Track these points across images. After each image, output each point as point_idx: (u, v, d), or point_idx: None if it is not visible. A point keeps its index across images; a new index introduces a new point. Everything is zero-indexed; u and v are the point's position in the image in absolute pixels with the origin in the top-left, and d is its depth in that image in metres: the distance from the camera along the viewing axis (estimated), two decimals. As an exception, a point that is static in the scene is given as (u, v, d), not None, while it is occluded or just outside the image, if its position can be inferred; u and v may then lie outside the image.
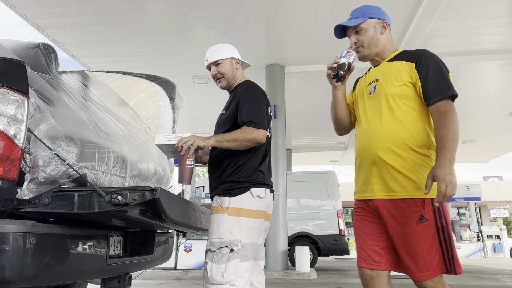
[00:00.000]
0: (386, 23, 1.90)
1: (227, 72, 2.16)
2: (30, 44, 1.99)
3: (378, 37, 1.88)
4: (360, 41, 1.88)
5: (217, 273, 1.81)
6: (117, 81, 3.00)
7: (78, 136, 1.72)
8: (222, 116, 2.12)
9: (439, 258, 1.63)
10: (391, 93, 1.77)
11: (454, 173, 1.56)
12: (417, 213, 1.64)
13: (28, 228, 1.38)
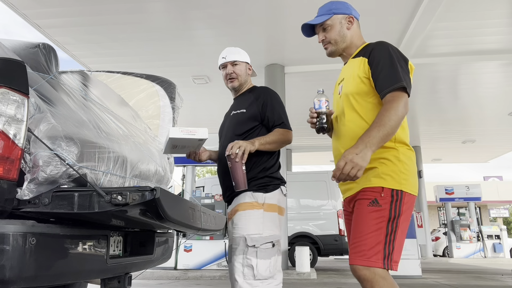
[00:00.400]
0: (353, 18, 1.88)
1: (241, 74, 2.22)
2: (30, 44, 1.99)
3: (345, 33, 1.87)
4: (328, 38, 1.88)
5: (265, 268, 1.85)
6: (117, 81, 3.00)
7: (78, 136, 1.72)
8: (243, 115, 2.13)
9: (381, 248, 1.57)
10: (351, 92, 1.76)
11: (364, 156, 1.50)
12: (372, 197, 1.62)
13: (28, 228, 1.38)
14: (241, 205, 1.98)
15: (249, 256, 1.86)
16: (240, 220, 1.95)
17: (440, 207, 22.41)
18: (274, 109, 2.12)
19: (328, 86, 9.63)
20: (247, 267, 1.85)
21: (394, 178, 1.62)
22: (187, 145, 2.00)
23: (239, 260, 1.88)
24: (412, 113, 10.50)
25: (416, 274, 6.97)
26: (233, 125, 2.15)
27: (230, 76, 2.20)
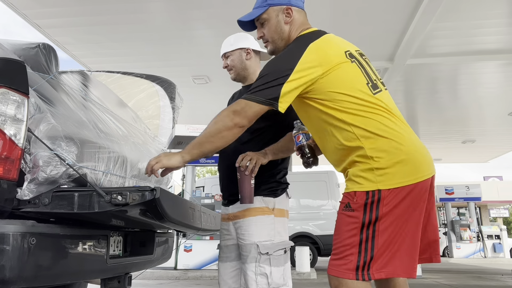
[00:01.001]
0: (291, 9, 1.66)
1: (235, 64, 2.14)
2: (30, 44, 1.99)
3: (282, 28, 1.68)
4: (266, 36, 1.73)
5: (279, 276, 1.80)
6: (117, 81, 3.00)
7: (78, 136, 1.72)
8: None
9: (353, 258, 1.39)
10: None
11: (170, 158, 1.58)
12: (345, 202, 1.47)
13: (28, 228, 1.38)
14: (250, 210, 1.89)
15: (262, 264, 1.79)
16: (250, 226, 1.86)
17: (440, 207, 22.38)
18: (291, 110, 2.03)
19: (328, 86, 9.38)
20: (260, 275, 1.78)
21: (367, 178, 1.43)
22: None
23: (251, 269, 1.80)
24: (412, 113, 10.49)
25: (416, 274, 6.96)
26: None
27: (227, 69, 2.17)
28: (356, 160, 1.48)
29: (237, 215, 1.93)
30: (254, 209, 1.89)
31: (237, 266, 1.95)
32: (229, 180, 1.96)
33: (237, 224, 1.93)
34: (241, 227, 1.90)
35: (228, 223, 2.01)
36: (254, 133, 1.94)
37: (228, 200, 2.03)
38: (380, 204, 1.41)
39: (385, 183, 1.42)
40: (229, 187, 2.00)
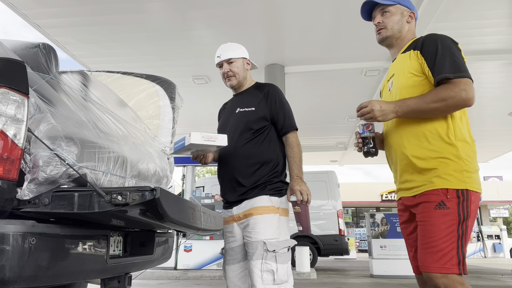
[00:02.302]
0: (414, 14, 1.88)
1: (239, 72, 2.17)
2: (30, 44, 1.99)
3: (403, 24, 1.85)
4: (384, 23, 1.84)
5: (284, 272, 1.86)
6: (117, 81, 3.00)
7: (78, 136, 1.72)
8: (253, 114, 2.08)
9: (454, 254, 1.50)
10: (403, 85, 1.73)
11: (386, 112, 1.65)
12: (437, 200, 1.56)
13: (28, 228, 1.38)
14: (257, 209, 1.94)
15: (268, 261, 1.84)
16: (257, 225, 1.91)
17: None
18: (284, 110, 2.10)
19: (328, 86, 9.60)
20: (266, 272, 1.83)
21: (458, 178, 1.56)
22: (200, 149, 1.95)
23: (257, 266, 1.84)
24: (412, 113, 10.49)
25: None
26: (242, 123, 2.08)
27: (227, 75, 2.16)
28: (450, 158, 1.59)
29: (245, 215, 1.97)
30: (261, 208, 1.93)
31: (245, 266, 1.99)
32: (231, 183, 2.02)
33: (243, 224, 1.97)
34: (248, 226, 1.94)
35: (232, 225, 2.03)
36: (254, 134, 2.04)
37: (230, 203, 2.06)
38: (469, 202, 1.55)
39: (471, 186, 1.57)
40: (232, 190, 2.03)
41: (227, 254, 2.05)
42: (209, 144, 1.81)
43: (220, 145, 1.83)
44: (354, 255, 14.90)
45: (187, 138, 1.80)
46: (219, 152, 2.17)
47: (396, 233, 7.29)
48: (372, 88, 8.50)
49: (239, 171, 2.03)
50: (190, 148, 1.88)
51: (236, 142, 2.06)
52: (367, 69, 7.52)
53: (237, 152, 2.05)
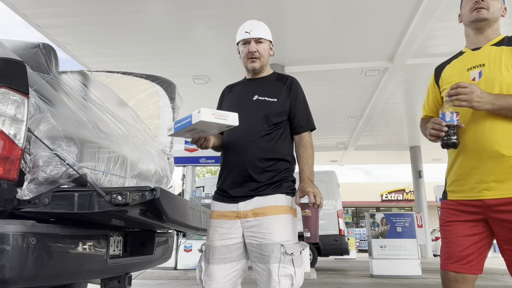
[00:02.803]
0: (506, 10, 1.79)
1: (265, 54, 1.95)
2: (30, 44, 1.99)
3: (499, 14, 1.76)
4: (488, 4, 1.72)
5: (301, 276, 1.76)
6: (117, 81, 3.00)
7: (78, 136, 1.72)
8: (274, 105, 1.89)
9: None
10: (506, 82, 1.62)
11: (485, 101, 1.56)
12: None
13: (28, 228, 1.38)
14: (272, 208, 1.76)
15: (286, 265, 1.69)
16: (273, 225, 1.73)
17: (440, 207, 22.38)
18: (305, 107, 1.96)
19: (328, 86, 9.57)
20: (284, 276, 1.68)
21: None
22: (206, 129, 1.68)
23: (274, 270, 1.68)
24: (412, 113, 10.50)
25: (416, 274, 6.97)
26: (260, 114, 1.87)
27: (252, 55, 1.91)
28: None
29: (255, 213, 1.77)
30: (277, 207, 1.77)
31: (237, 267, 1.79)
32: (241, 176, 1.82)
33: (250, 222, 1.77)
34: (260, 225, 1.75)
35: (233, 221, 1.81)
36: (273, 127, 1.88)
37: (235, 197, 1.83)
38: None
39: None
40: (240, 184, 1.82)
41: (217, 252, 1.79)
42: (219, 123, 1.57)
43: (230, 125, 1.60)
44: (354, 255, 14.90)
45: (195, 115, 1.55)
46: (223, 139, 1.96)
47: (396, 233, 7.29)
48: (372, 88, 8.50)
49: (254, 164, 1.81)
50: (194, 128, 1.63)
51: (253, 133, 1.85)
52: (367, 69, 7.52)
53: (253, 144, 1.84)
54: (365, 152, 14.88)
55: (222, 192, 1.88)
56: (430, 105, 1.95)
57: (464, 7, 1.82)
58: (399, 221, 7.38)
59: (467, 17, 1.78)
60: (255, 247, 1.74)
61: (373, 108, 9.57)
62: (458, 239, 1.69)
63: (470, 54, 1.79)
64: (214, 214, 1.87)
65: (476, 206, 1.65)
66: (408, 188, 23.22)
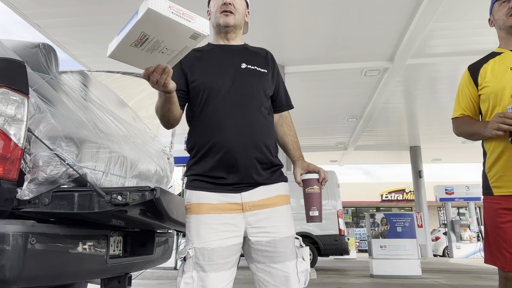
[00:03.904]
0: None
1: (240, 12, 1.67)
2: (30, 44, 1.99)
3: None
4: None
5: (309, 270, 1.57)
6: (117, 81, 3.00)
7: (78, 136, 1.72)
8: (267, 77, 1.63)
9: None
10: None
11: None
12: None
13: (28, 228, 1.38)
14: (281, 198, 1.54)
15: (301, 260, 1.51)
16: (283, 217, 1.51)
17: (440, 207, 22.39)
18: (284, 86, 1.77)
19: (328, 86, 9.56)
20: (301, 273, 1.47)
21: None
22: (162, 45, 1.14)
23: (292, 267, 1.46)
24: (412, 113, 10.50)
25: (416, 274, 6.97)
26: (257, 84, 1.59)
27: (227, 7, 1.63)
28: None
29: (264, 204, 1.50)
30: (285, 197, 1.57)
31: (234, 274, 1.49)
32: (244, 159, 1.48)
33: (257, 216, 1.49)
34: (270, 218, 1.49)
35: (231, 215, 1.48)
36: (265, 104, 1.63)
37: (234, 185, 1.50)
38: None
39: None
40: (240, 168, 1.48)
41: (215, 255, 1.42)
42: (180, 24, 1.07)
43: (198, 33, 1.11)
44: (354, 255, 14.90)
45: (142, 6, 1.09)
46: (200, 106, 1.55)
47: (396, 233, 7.29)
48: (372, 88, 8.50)
49: (258, 146, 1.51)
50: (143, 38, 1.11)
51: (252, 107, 1.54)
52: (367, 69, 7.52)
53: (254, 121, 1.54)
54: (365, 152, 14.89)
55: (212, 178, 1.50)
56: (466, 104, 1.96)
57: (497, 12, 1.89)
58: (399, 221, 7.38)
59: (503, 22, 1.86)
60: (265, 245, 1.47)
61: (373, 108, 9.57)
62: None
63: (510, 54, 1.85)
64: (203, 207, 1.48)
65: None
66: (408, 188, 23.21)
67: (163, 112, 1.49)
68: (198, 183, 1.52)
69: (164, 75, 1.25)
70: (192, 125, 1.60)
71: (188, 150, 1.61)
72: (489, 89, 1.80)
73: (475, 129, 1.84)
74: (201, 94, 1.55)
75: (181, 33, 1.09)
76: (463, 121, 1.95)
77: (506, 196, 1.69)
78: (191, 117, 1.60)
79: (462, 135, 1.96)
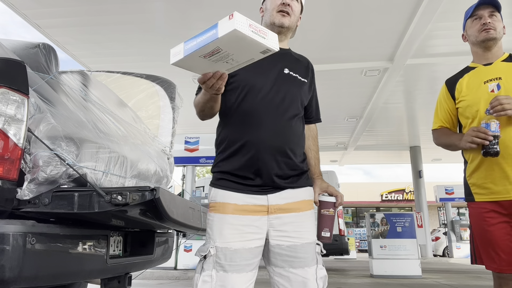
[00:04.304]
0: (505, 28, 1.99)
1: (296, 15, 1.69)
2: (30, 44, 1.99)
3: (502, 32, 1.95)
4: (493, 25, 1.91)
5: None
6: (117, 81, 3.00)
7: (78, 136, 1.72)
8: (305, 86, 1.63)
9: None
10: None
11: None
12: None
13: (28, 228, 1.38)
14: (306, 203, 1.54)
15: (321, 266, 1.50)
16: (307, 222, 1.51)
17: (440, 207, 22.39)
18: (317, 98, 1.76)
19: (328, 86, 9.53)
20: (320, 279, 1.46)
21: None
22: (229, 57, 1.16)
23: (311, 273, 1.45)
24: (412, 113, 10.50)
25: (416, 274, 6.97)
26: (296, 92, 1.58)
27: (284, 8, 1.61)
28: None
29: (290, 208, 1.49)
30: (310, 202, 1.56)
31: (255, 277, 1.47)
32: (277, 159, 1.48)
33: (283, 219, 1.48)
34: (294, 223, 1.48)
35: (256, 217, 1.47)
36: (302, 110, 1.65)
37: (261, 186, 1.49)
38: None
39: None
40: (272, 167, 1.47)
41: (237, 256, 1.41)
42: (256, 42, 1.09)
43: (268, 49, 1.13)
44: (354, 255, 14.90)
45: (225, 24, 1.09)
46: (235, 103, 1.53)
47: (396, 233, 7.29)
48: (372, 88, 8.50)
49: (291, 149, 1.51)
50: (215, 51, 1.12)
51: (289, 111, 1.54)
52: (367, 69, 7.52)
53: (289, 124, 1.53)
54: (365, 152, 14.88)
55: (239, 178, 1.49)
56: (444, 116, 2.08)
57: (470, 28, 1.99)
58: (399, 221, 7.38)
59: (475, 37, 1.95)
60: (285, 249, 1.46)
61: (373, 108, 9.57)
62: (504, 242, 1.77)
63: (483, 68, 1.95)
64: (228, 207, 1.48)
65: (506, 206, 1.76)
66: (408, 188, 23.21)
67: (204, 108, 1.50)
68: (224, 182, 1.52)
69: (220, 80, 1.28)
70: (225, 119, 1.58)
71: (217, 143, 1.60)
72: (465, 103, 1.94)
73: (451, 140, 1.97)
74: (239, 90, 1.53)
75: (253, 48, 1.12)
76: (442, 132, 2.07)
77: (488, 202, 1.82)
78: (225, 111, 1.58)
79: (441, 145, 2.09)
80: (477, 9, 1.95)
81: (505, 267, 1.75)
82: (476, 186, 1.88)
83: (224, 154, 1.53)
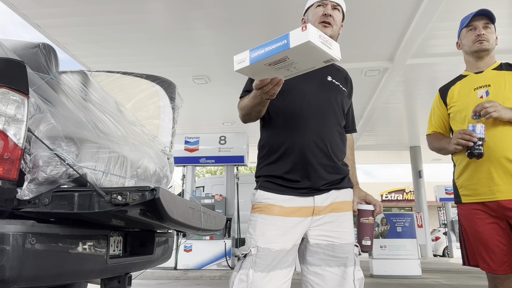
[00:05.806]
0: (497, 38, 2.09)
1: (337, 24, 1.65)
2: (30, 44, 1.98)
3: (495, 43, 2.06)
4: (488, 36, 2.01)
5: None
6: (117, 81, 3.00)
7: (78, 136, 1.72)
8: (344, 95, 1.69)
9: None
10: (509, 97, 1.88)
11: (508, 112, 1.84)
12: None
13: (28, 228, 1.38)
14: (347, 204, 1.59)
15: (358, 267, 1.52)
16: (346, 223, 1.56)
17: (440, 207, 22.38)
18: (353, 109, 1.83)
19: (328, 86, 9.31)
20: (357, 280, 1.47)
21: None
22: (292, 66, 1.19)
23: (349, 274, 1.47)
24: (412, 113, 10.50)
25: (416, 274, 6.97)
26: (338, 99, 1.64)
27: (326, 19, 1.61)
28: None
29: (332, 209, 1.53)
30: (349, 203, 1.60)
31: (291, 273, 1.50)
32: (324, 162, 1.52)
33: (324, 219, 1.52)
34: (333, 223, 1.52)
35: (300, 218, 1.50)
36: (343, 117, 1.71)
37: (308, 189, 1.52)
38: None
39: None
40: (320, 170, 1.51)
41: (278, 256, 1.44)
42: (322, 51, 1.11)
43: (331, 58, 1.15)
44: (354, 255, 14.90)
45: (297, 35, 1.06)
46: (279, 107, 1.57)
47: (396, 233, 7.29)
48: (372, 88, 8.50)
49: (333, 156, 1.55)
50: (282, 60, 1.13)
51: (334, 117, 1.60)
52: (367, 69, 7.52)
53: (335, 129, 1.60)
54: (365, 152, 14.88)
55: (287, 181, 1.51)
56: (437, 122, 2.17)
57: (465, 38, 2.08)
58: (399, 221, 7.38)
59: (469, 47, 2.05)
60: (324, 248, 1.49)
61: (373, 108, 9.57)
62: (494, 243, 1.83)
63: (474, 76, 2.04)
64: (274, 209, 1.49)
65: (492, 207, 1.82)
66: (408, 188, 23.22)
67: (251, 111, 1.52)
68: (270, 185, 1.54)
69: (276, 86, 1.30)
70: (270, 123, 1.61)
71: (260, 146, 1.64)
72: (456, 108, 2.02)
73: (442, 144, 2.06)
74: (285, 94, 1.54)
75: (319, 58, 1.15)
76: (434, 137, 2.17)
77: (475, 203, 1.88)
78: (270, 115, 1.61)
79: (434, 150, 2.18)
80: (472, 19, 2.03)
81: (498, 267, 1.79)
82: (463, 188, 1.95)
83: (270, 158, 1.57)
